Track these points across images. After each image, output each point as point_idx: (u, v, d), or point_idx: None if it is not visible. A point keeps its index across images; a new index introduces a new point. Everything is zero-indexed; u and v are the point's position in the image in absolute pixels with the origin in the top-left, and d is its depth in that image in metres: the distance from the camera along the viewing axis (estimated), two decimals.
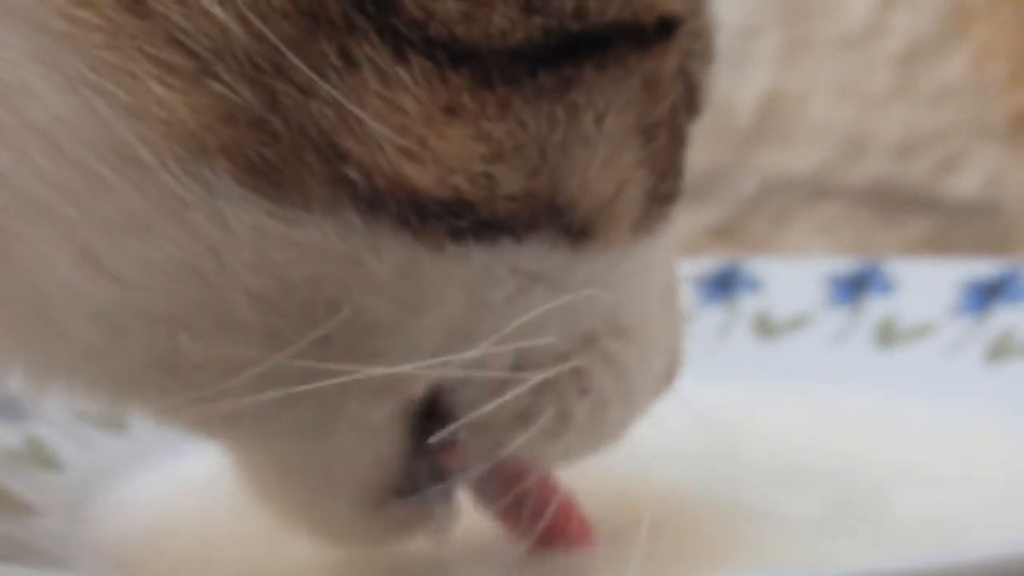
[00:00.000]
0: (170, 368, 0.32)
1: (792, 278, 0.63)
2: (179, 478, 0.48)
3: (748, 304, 0.63)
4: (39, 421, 0.48)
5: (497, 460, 0.35)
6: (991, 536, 0.40)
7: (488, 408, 0.33)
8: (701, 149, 0.37)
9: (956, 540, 0.40)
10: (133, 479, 0.48)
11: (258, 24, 0.28)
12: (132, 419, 0.47)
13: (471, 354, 0.33)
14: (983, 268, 0.60)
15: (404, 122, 0.29)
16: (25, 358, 0.34)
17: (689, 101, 0.36)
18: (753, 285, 0.63)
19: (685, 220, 0.37)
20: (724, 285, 0.63)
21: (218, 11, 0.28)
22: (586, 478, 0.38)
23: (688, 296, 0.39)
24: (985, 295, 0.59)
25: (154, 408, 0.35)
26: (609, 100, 0.32)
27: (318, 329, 0.31)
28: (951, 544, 0.39)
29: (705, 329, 0.60)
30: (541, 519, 0.36)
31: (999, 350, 0.56)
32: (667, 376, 0.38)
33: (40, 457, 0.47)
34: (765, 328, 0.62)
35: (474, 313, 0.33)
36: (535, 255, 0.32)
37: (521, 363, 0.34)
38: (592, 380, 0.35)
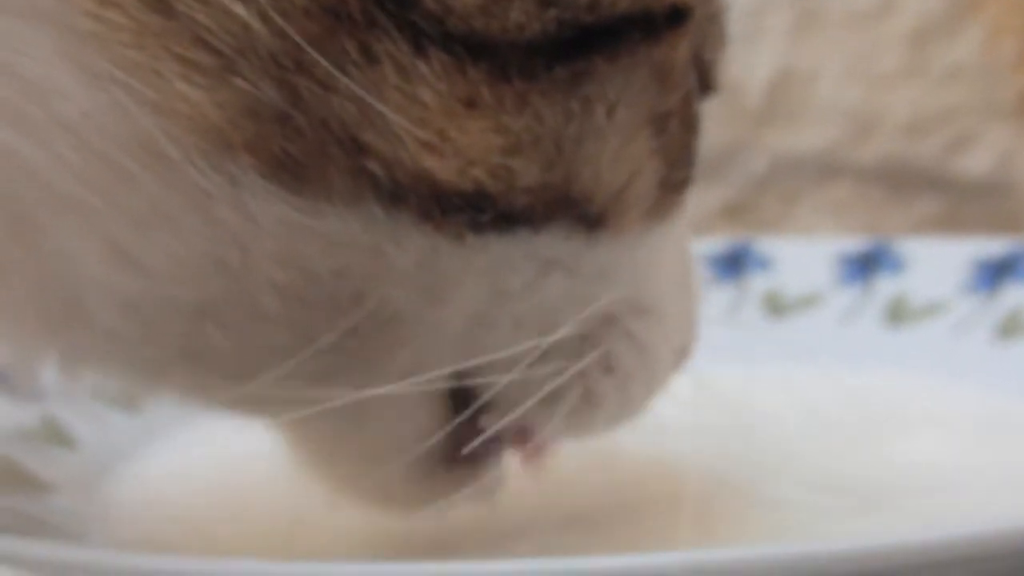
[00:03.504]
0: (200, 357, 0.33)
1: (802, 257, 0.63)
2: (192, 455, 0.48)
3: (758, 283, 0.63)
4: (54, 400, 0.48)
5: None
6: (997, 514, 0.40)
7: (525, 407, 0.34)
8: (711, 129, 0.37)
9: (963, 519, 0.40)
10: (147, 456, 0.48)
11: (280, 22, 0.29)
12: (146, 398, 0.47)
13: (495, 356, 0.33)
14: (993, 247, 0.60)
15: (424, 115, 0.30)
16: (59, 347, 0.34)
17: (702, 81, 0.36)
18: (763, 264, 0.63)
19: (695, 199, 0.37)
20: (734, 264, 0.63)
21: (240, 10, 0.29)
22: (605, 455, 0.39)
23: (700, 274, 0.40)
24: (995, 273, 0.59)
25: (189, 394, 0.36)
26: (620, 91, 0.32)
27: (344, 320, 0.32)
28: (957, 523, 0.39)
29: (715, 308, 0.60)
30: None
31: (1009, 328, 0.56)
32: (683, 351, 0.38)
33: (55, 435, 0.47)
34: (775, 307, 0.62)
35: (494, 300, 0.33)
36: (551, 243, 0.33)
37: (547, 350, 0.34)
38: (616, 358, 0.36)
